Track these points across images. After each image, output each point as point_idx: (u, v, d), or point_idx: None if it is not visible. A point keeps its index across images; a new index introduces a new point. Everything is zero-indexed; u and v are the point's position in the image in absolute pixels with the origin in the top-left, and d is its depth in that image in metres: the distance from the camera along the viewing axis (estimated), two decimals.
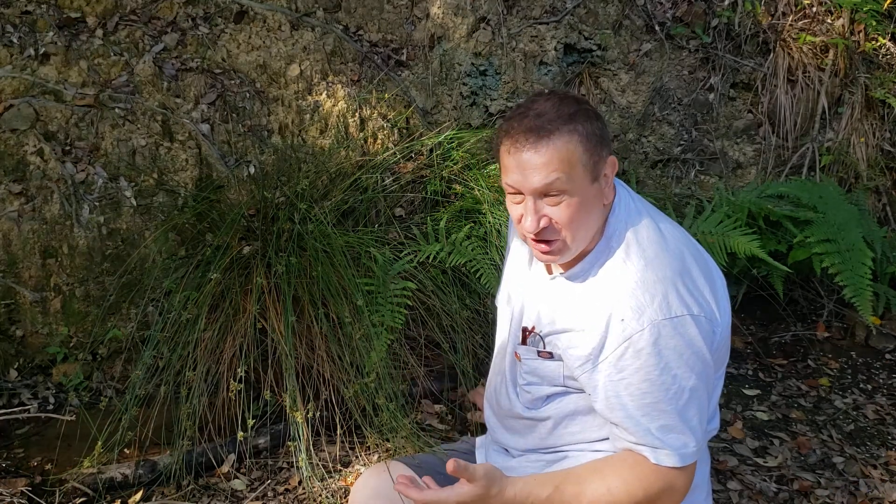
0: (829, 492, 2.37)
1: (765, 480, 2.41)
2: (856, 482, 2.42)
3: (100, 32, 2.79)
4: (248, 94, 2.89)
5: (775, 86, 3.48)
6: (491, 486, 1.32)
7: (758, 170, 3.53)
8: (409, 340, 2.57)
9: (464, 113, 3.14)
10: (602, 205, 1.34)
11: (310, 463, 2.25)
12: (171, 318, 2.40)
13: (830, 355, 3.22)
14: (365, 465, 2.34)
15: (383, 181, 2.85)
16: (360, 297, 2.35)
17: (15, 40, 2.68)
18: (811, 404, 2.88)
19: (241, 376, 2.25)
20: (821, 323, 3.40)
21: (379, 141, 2.99)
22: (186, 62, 2.85)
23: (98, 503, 2.19)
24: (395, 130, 3.02)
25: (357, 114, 2.97)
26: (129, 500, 2.21)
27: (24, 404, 2.54)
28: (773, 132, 3.53)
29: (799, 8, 3.53)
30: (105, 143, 2.72)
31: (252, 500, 2.24)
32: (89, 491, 2.21)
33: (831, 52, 3.51)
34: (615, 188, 1.39)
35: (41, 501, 2.10)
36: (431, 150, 2.95)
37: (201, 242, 2.67)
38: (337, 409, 2.33)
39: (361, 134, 2.97)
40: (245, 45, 2.93)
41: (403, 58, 3.09)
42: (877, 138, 3.60)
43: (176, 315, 2.40)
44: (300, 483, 2.28)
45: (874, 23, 3.57)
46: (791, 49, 3.49)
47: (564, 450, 1.43)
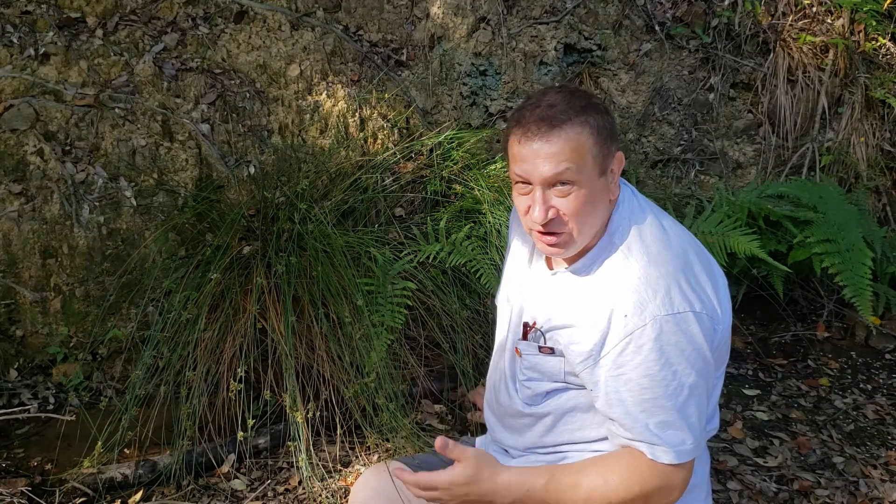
0: (829, 492, 2.36)
1: (765, 480, 2.41)
2: (856, 482, 2.42)
3: (100, 32, 2.79)
4: (248, 94, 2.89)
5: (775, 86, 3.48)
6: (482, 469, 1.32)
7: (758, 170, 3.53)
8: (409, 340, 2.57)
9: (464, 113, 3.14)
10: (608, 200, 1.34)
11: (310, 463, 2.25)
12: (171, 318, 2.40)
13: (830, 355, 3.22)
14: (365, 465, 2.34)
15: (383, 181, 2.85)
16: (360, 297, 2.35)
17: (15, 40, 2.68)
18: (811, 404, 2.87)
19: (241, 376, 2.25)
20: (821, 323, 3.40)
21: (379, 141, 2.99)
22: (186, 62, 2.85)
23: (98, 503, 2.19)
24: (395, 130, 3.02)
25: (357, 114, 2.97)
26: (129, 500, 2.21)
27: (24, 404, 2.54)
28: (773, 132, 3.53)
29: (799, 8, 3.54)
30: (105, 143, 2.72)
31: (252, 500, 2.24)
32: (89, 491, 2.21)
33: (831, 52, 3.51)
34: (619, 185, 1.39)
35: (41, 501, 2.10)
36: (431, 150, 2.95)
37: (201, 242, 2.67)
38: (337, 409, 2.33)
39: (361, 134, 2.97)
40: (245, 45, 2.93)
41: (403, 58, 3.09)
42: (877, 138, 3.60)
43: (176, 315, 2.40)
44: (300, 483, 2.28)
45: (874, 23, 3.57)
46: (791, 49, 3.49)
47: (563, 450, 1.43)
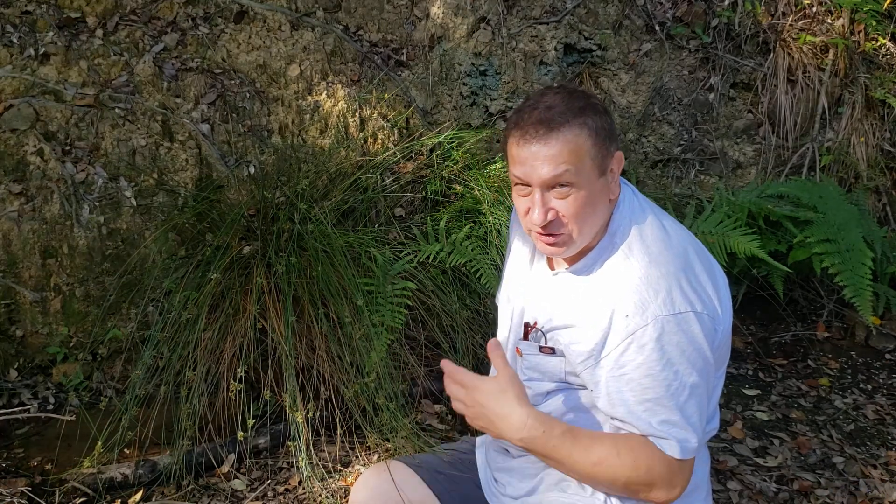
0: (829, 492, 2.36)
1: (765, 480, 2.41)
2: (856, 482, 2.42)
3: (100, 32, 2.79)
4: (248, 94, 2.89)
5: (775, 86, 3.48)
6: (509, 390, 1.29)
7: (758, 170, 3.53)
8: (409, 340, 2.57)
9: (464, 113, 3.14)
10: (608, 200, 1.34)
11: (310, 463, 2.25)
12: (171, 318, 2.40)
13: (830, 355, 3.22)
14: (365, 465, 2.34)
15: (383, 181, 2.85)
16: (360, 297, 2.35)
17: (15, 40, 2.68)
18: (811, 404, 2.87)
19: (241, 376, 2.25)
20: (821, 323, 3.40)
21: (379, 141, 2.99)
22: (186, 62, 2.85)
23: (98, 503, 2.19)
24: (395, 130, 3.02)
25: (357, 114, 2.97)
26: (129, 500, 2.20)
27: (24, 404, 2.54)
28: (773, 132, 3.53)
29: (799, 8, 3.54)
30: (105, 143, 2.72)
31: (252, 500, 2.24)
32: (89, 491, 2.20)
33: (831, 52, 3.51)
34: (620, 185, 1.39)
35: (41, 501, 2.10)
36: (431, 150, 2.95)
37: (201, 242, 2.67)
38: (337, 409, 2.33)
39: (361, 134, 2.97)
40: (245, 45, 2.93)
41: (403, 58, 3.09)
42: (877, 138, 3.60)
43: (176, 315, 2.40)
44: (300, 483, 2.28)
45: (874, 23, 3.57)
46: (791, 49, 3.49)
47: None
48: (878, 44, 3.62)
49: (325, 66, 2.98)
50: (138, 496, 2.21)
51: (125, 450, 2.31)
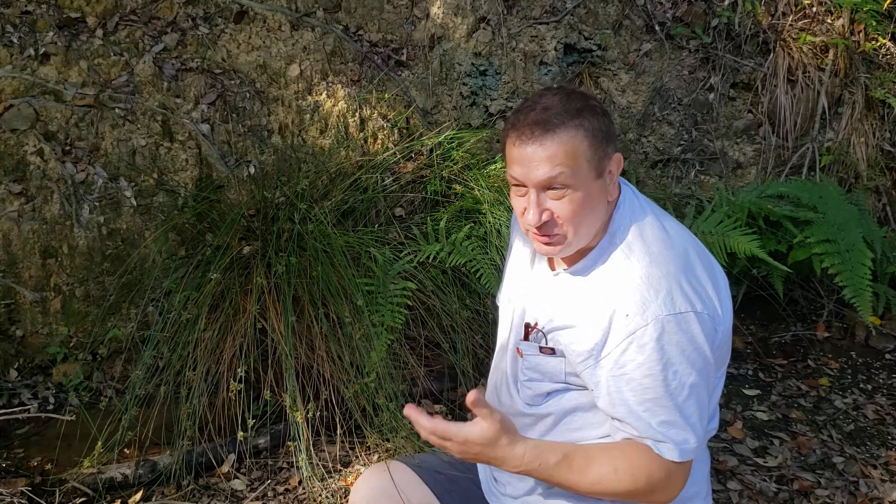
0: (829, 492, 2.36)
1: (765, 480, 2.41)
2: (856, 482, 2.42)
3: (100, 32, 2.79)
4: (248, 94, 2.89)
5: (775, 86, 3.48)
6: (502, 434, 1.29)
7: (758, 170, 3.53)
8: (409, 340, 2.57)
9: (464, 113, 3.14)
10: (606, 201, 1.34)
11: (310, 463, 2.25)
12: (171, 318, 2.40)
13: (830, 355, 3.22)
14: (365, 465, 2.34)
15: (383, 181, 2.85)
16: (360, 297, 2.35)
17: (15, 40, 2.68)
18: (811, 404, 2.87)
19: (241, 376, 2.25)
20: (821, 323, 3.40)
21: (379, 141, 2.99)
22: (186, 62, 2.85)
23: (98, 503, 2.19)
24: (395, 130, 3.02)
25: (357, 114, 2.97)
26: (129, 500, 2.21)
27: (24, 404, 2.54)
28: (773, 132, 3.53)
29: (799, 8, 3.54)
30: (105, 143, 2.72)
31: (252, 500, 2.24)
32: (89, 491, 2.21)
33: (831, 52, 3.51)
34: (620, 186, 1.39)
35: (41, 501, 2.10)
36: (431, 150, 2.95)
37: (201, 242, 2.67)
38: (337, 409, 2.33)
39: (361, 134, 2.97)
40: (245, 45, 2.93)
41: (403, 58, 3.09)
42: (877, 138, 3.60)
43: (176, 315, 2.40)
44: (300, 483, 2.28)
45: (874, 23, 3.57)
46: (791, 49, 3.49)
47: None
48: (878, 44, 3.62)
49: (325, 66, 2.98)
50: (138, 496, 2.21)
51: (125, 450, 2.31)
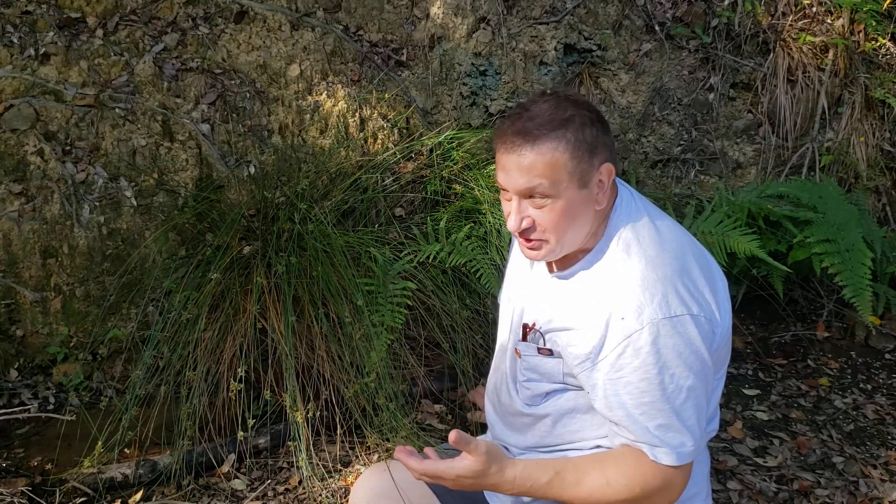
0: (828, 492, 2.37)
1: (765, 480, 2.41)
2: (856, 482, 2.42)
3: (100, 32, 2.79)
4: (248, 94, 2.89)
5: (775, 86, 3.48)
6: (491, 463, 1.32)
7: (758, 170, 3.53)
8: (409, 340, 2.57)
9: (464, 113, 3.14)
10: (593, 210, 1.33)
11: (310, 463, 2.25)
12: (171, 318, 2.41)
13: (830, 355, 3.22)
14: (365, 464, 2.34)
15: (383, 181, 2.85)
16: (360, 297, 2.35)
17: (15, 40, 2.68)
18: (811, 404, 2.88)
19: (241, 376, 2.25)
20: (821, 323, 3.40)
21: (379, 141, 2.99)
22: (186, 62, 2.85)
23: (98, 503, 2.19)
24: (395, 130, 3.02)
25: (357, 114, 2.97)
26: (130, 500, 2.21)
27: (24, 404, 2.54)
28: (773, 132, 3.53)
29: (799, 8, 3.54)
30: (105, 143, 2.72)
31: (252, 500, 2.24)
32: (89, 491, 2.21)
33: (831, 52, 3.51)
34: (617, 189, 1.39)
35: (41, 501, 2.10)
36: (431, 150, 2.95)
37: (201, 242, 2.67)
38: (337, 409, 2.33)
39: (361, 134, 2.97)
40: (245, 45, 2.93)
41: (403, 58, 3.10)
42: (877, 138, 3.60)
43: (176, 315, 2.40)
44: (300, 483, 2.28)
45: (874, 23, 3.57)
46: (791, 49, 3.49)
47: (564, 448, 1.44)
48: (878, 44, 3.62)
49: (325, 66, 2.99)
50: (138, 496, 2.22)
51: (125, 450, 2.31)
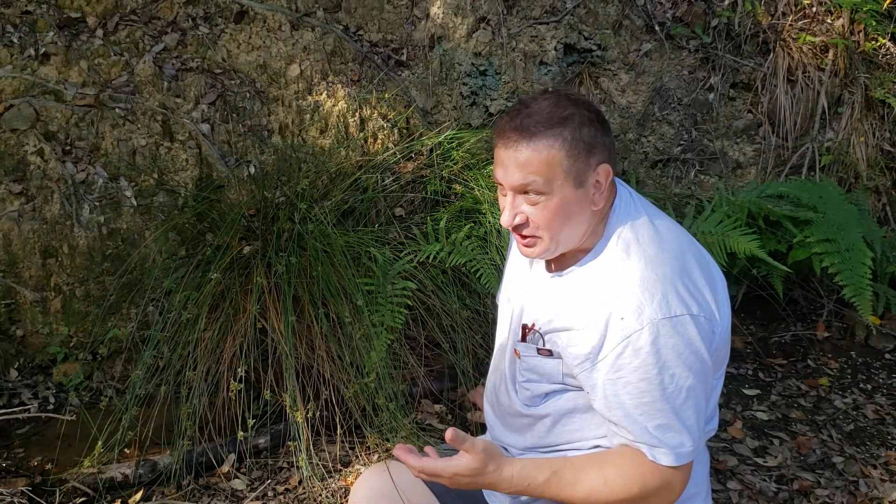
0: (828, 491, 2.37)
1: (765, 480, 2.41)
2: (856, 482, 2.42)
3: (100, 32, 2.79)
4: (248, 94, 2.89)
5: (775, 86, 3.48)
6: (488, 462, 1.32)
7: (758, 170, 3.53)
8: (409, 340, 2.57)
9: (464, 113, 3.14)
10: (589, 210, 1.33)
11: (310, 463, 2.25)
12: (172, 317, 2.41)
13: (830, 355, 3.22)
14: (365, 464, 2.34)
15: (383, 181, 2.85)
16: (360, 297, 2.35)
17: (15, 40, 2.68)
18: (811, 404, 2.88)
19: (241, 376, 2.25)
20: (821, 323, 3.40)
21: (379, 141, 2.99)
22: (186, 62, 2.85)
23: (98, 503, 2.19)
24: (395, 130, 3.02)
25: (357, 114, 2.97)
26: (130, 500, 2.21)
27: (24, 404, 2.54)
28: (773, 132, 3.53)
29: (799, 8, 3.54)
30: (105, 143, 2.72)
31: (252, 500, 2.24)
32: (89, 491, 2.21)
33: (831, 52, 3.51)
34: (616, 189, 1.39)
35: (41, 501, 2.10)
36: (431, 150, 2.95)
37: (201, 242, 2.68)
38: (337, 409, 2.33)
39: (361, 134, 2.98)
40: (245, 45, 2.93)
41: (403, 58, 3.10)
42: (877, 138, 3.60)
43: (176, 315, 2.40)
44: (300, 483, 2.28)
45: (874, 23, 3.57)
46: (791, 49, 3.49)
47: (563, 448, 1.44)
48: (878, 44, 3.62)
49: (325, 66, 2.99)
50: (138, 496, 2.22)
51: (125, 450, 2.31)
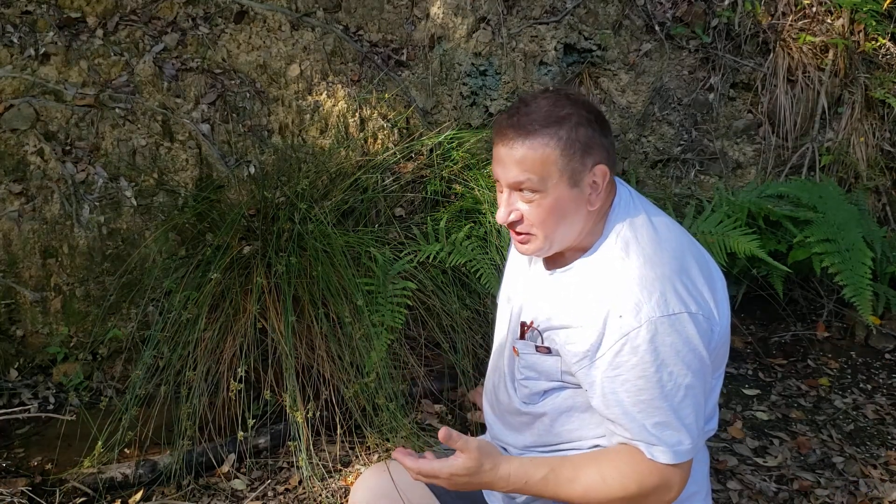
0: (828, 491, 2.37)
1: (765, 480, 2.41)
2: (855, 482, 2.42)
3: (100, 32, 2.79)
4: (248, 94, 2.89)
5: (775, 86, 3.48)
6: (484, 460, 1.32)
7: (758, 170, 3.53)
8: (409, 340, 2.57)
9: (464, 113, 3.14)
10: (585, 210, 1.34)
11: (310, 463, 2.25)
12: (172, 317, 2.41)
13: (830, 355, 3.22)
14: (365, 464, 2.34)
15: (383, 181, 2.85)
16: (360, 297, 2.35)
17: (15, 40, 2.68)
18: (811, 404, 2.88)
19: (241, 376, 2.25)
20: (821, 323, 3.40)
21: (379, 141, 2.99)
22: (186, 62, 2.85)
23: (98, 503, 2.19)
24: (395, 130, 3.02)
25: (357, 114, 2.97)
26: (130, 500, 2.21)
27: (24, 404, 2.54)
28: (773, 132, 3.53)
29: (799, 8, 3.54)
30: (105, 143, 2.72)
31: (252, 500, 2.24)
32: (89, 491, 2.21)
33: (831, 52, 3.51)
34: (615, 189, 1.39)
35: (41, 501, 2.10)
36: (431, 150, 2.95)
37: (201, 242, 2.68)
38: (337, 409, 2.33)
39: (361, 134, 2.98)
40: (245, 45, 2.93)
41: (403, 58, 3.10)
42: (877, 138, 3.60)
43: (176, 315, 2.40)
44: (300, 483, 2.28)
45: (874, 23, 3.57)
46: (791, 49, 3.49)
47: (562, 448, 1.44)
48: (878, 44, 3.62)
49: (325, 66, 2.99)
50: (138, 496, 2.22)
51: (125, 450, 2.31)
